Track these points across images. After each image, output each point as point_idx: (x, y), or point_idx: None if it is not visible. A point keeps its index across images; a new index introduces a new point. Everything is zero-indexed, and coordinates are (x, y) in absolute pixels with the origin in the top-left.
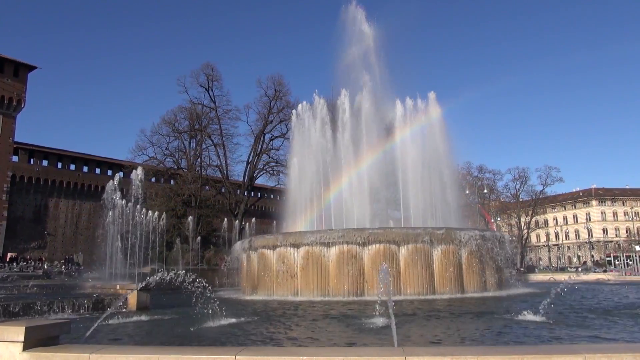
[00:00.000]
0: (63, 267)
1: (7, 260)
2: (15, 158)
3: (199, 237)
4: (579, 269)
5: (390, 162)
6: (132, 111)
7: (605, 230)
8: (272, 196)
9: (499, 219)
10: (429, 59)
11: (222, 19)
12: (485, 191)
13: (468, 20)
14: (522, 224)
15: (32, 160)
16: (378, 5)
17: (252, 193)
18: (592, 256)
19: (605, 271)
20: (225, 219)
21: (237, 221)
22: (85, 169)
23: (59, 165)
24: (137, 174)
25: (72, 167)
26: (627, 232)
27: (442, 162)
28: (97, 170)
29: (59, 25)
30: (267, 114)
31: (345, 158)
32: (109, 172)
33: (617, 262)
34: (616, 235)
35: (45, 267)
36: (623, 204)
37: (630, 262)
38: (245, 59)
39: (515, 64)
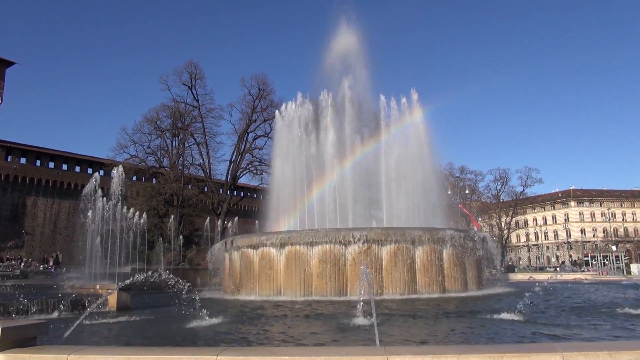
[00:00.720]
0: (41, 266)
1: None
2: None
3: (181, 237)
4: (558, 269)
5: (373, 163)
6: (113, 109)
7: (583, 231)
8: (255, 195)
9: (479, 219)
10: (412, 61)
11: (206, 16)
12: (467, 192)
13: (450, 22)
14: (503, 224)
15: (9, 157)
16: (364, 5)
17: (235, 192)
18: (570, 256)
19: (583, 271)
20: (208, 218)
21: (219, 220)
22: (65, 167)
23: (38, 162)
24: (118, 172)
25: (51, 165)
26: (604, 232)
27: (424, 162)
28: (77, 169)
29: (38, 20)
30: (251, 113)
31: (328, 158)
32: (89, 171)
33: (594, 262)
34: (593, 235)
35: (22, 266)
36: (600, 205)
37: (607, 262)
38: (229, 57)
39: (497, 67)
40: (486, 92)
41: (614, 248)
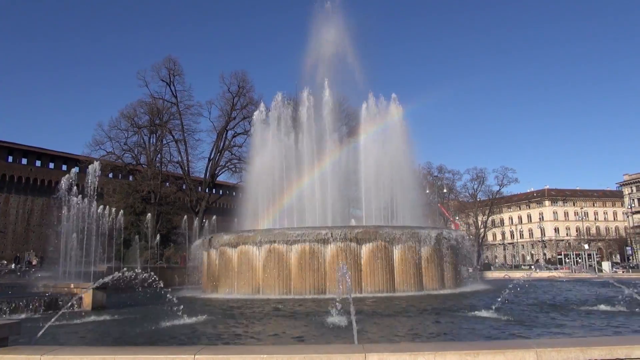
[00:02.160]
0: (14, 265)
1: None
2: None
3: (158, 235)
4: (532, 267)
5: (352, 161)
6: (89, 104)
7: (557, 230)
8: (234, 194)
9: (457, 218)
10: (392, 61)
11: (185, 10)
12: (445, 191)
13: (428, 23)
14: (479, 223)
15: None
16: (345, 4)
17: (214, 190)
18: (545, 254)
19: (556, 269)
20: (186, 216)
21: (197, 219)
22: (38, 163)
23: (10, 159)
24: (94, 169)
25: (24, 161)
26: (577, 231)
27: (403, 161)
28: (51, 165)
29: (7, 9)
30: (230, 110)
31: (307, 157)
32: (64, 167)
33: (567, 260)
34: (567, 234)
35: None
36: (574, 205)
37: (580, 260)
38: (208, 54)
39: (474, 68)
40: (464, 93)
41: (586, 246)
